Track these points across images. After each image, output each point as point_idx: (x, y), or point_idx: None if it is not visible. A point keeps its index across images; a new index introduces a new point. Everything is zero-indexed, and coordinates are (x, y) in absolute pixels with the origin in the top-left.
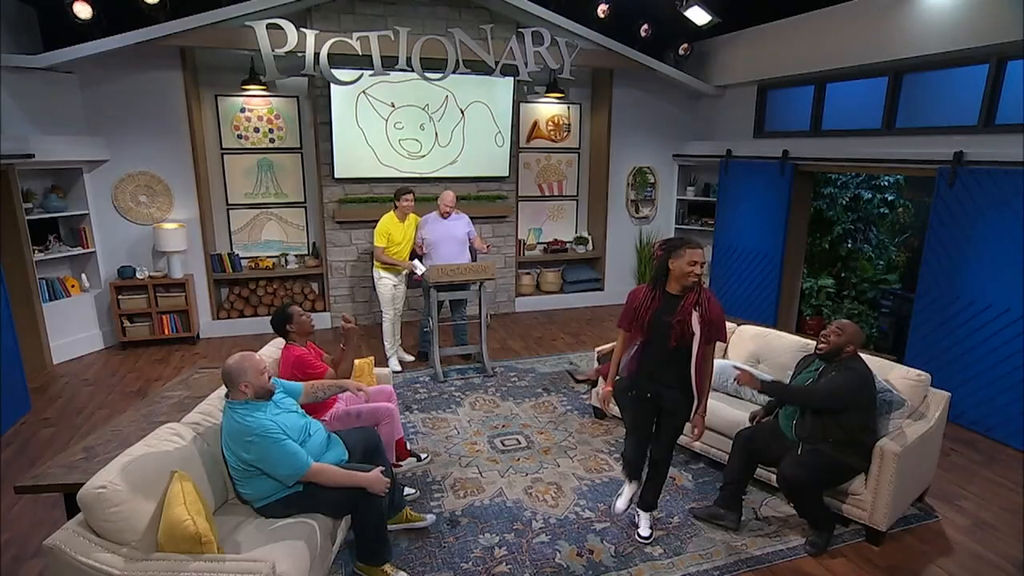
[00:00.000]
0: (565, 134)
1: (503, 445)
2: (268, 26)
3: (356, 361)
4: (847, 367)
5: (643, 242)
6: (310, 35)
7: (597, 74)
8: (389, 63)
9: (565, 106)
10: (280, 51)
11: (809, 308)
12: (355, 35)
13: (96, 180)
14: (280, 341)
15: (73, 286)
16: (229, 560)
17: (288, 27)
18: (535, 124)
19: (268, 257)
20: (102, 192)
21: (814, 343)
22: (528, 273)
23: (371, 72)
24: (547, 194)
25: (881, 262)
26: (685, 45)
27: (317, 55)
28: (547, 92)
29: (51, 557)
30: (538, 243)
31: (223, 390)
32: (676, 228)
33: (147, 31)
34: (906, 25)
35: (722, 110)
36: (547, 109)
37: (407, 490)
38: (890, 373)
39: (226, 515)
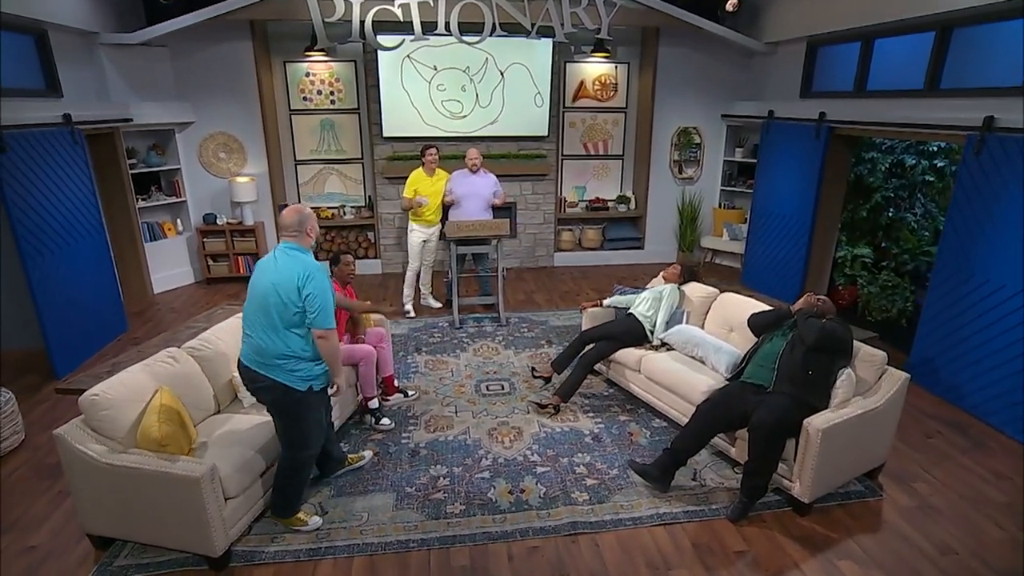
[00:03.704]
0: (612, 93)
1: (487, 390)
2: None
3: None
4: (831, 319)
5: (685, 202)
6: (355, 4)
7: (646, 32)
8: (429, 28)
9: (613, 65)
10: (330, 19)
11: (843, 277)
12: (397, 2)
13: (185, 139)
14: None
15: (169, 229)
16: (182, 460)
17: None
18: (581, 84)
19: (329, 208)
20: (190, 149)
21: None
22: (569, 230)
23: (412, 37)
24: (592, 153)
25: (926, 232)
26: (733, 0)
27: (363, 22)
28: (593, 52)
29: (59, 442)
30: (580, 201)
31: (228, 323)
32: (721, 190)
33: (217, 7)
34: None
35: (773, 69)
36: (594, 69)
37: (384, 421)
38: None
39: (211, 425)
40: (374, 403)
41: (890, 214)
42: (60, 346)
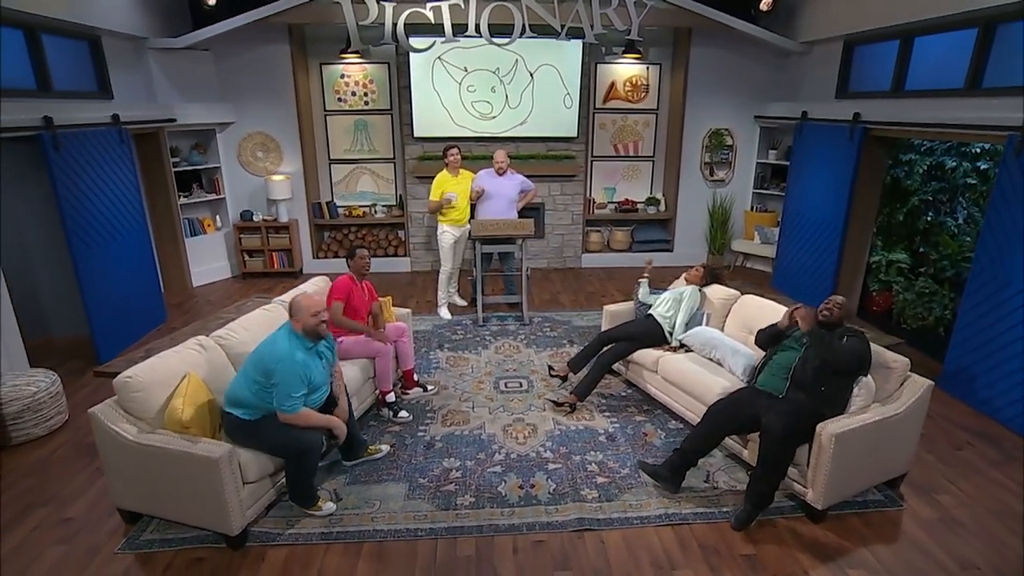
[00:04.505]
0: (643, 95)
1: (505, 387)
2: (353, 1)
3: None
4: (852, 332)
5: (716, 205)
6: (388, 7)
7: (678, 33)
8: (460, 30)
9: (644, 66)
10: (364, 22)
11: (877, 283)
12: (428, 5)
13: (225, 138)
14: (321, 280)
15: (209, 225)
16: (203, 442)
17: (370, 1)
18: (612, 85)
19: (360, 206)
20: (230, 148)
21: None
22: (598, 231)
23: (443, 39)
24: (622, 155)
25: (968, 238)
26: None
27: (395, 25)
28: (624, 53)
29: (93, 420)
30: (609, 203)
31: (255, 314)
32: (754, 192)
33: (257, 11)
34: None
35: (808, 69)
36: (625, 70)
37: (402, 413)
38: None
39: None
40: (391, 396)
41: (929, 218)
42: (104, 334)
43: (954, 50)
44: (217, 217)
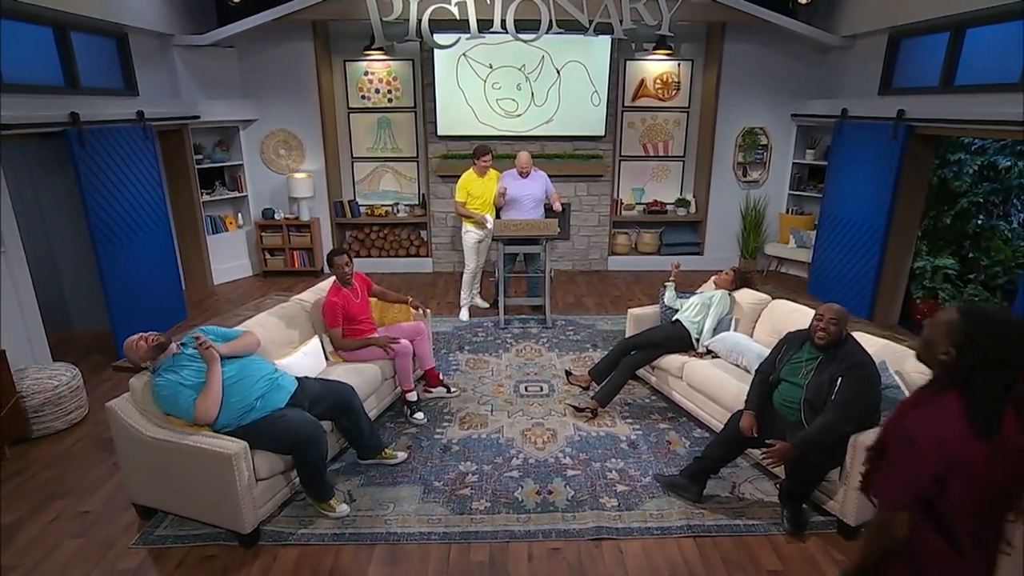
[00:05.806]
0: (674, 92)
1: (525, 391)
2: None
3: (396, 306)
4: (850, 365)
5: (749, 207)
6: (413, 3)
7: (711, 28)
8: (485, 26)
9: (675, 63)
10: (388, 18)
11: (921, 290)
12: (453, 0)
13: (248, 136)
14: (324, 283)
15: (231, 223)
16: (216, 438)
17: None
18: (642, 82)
19: (382, 205)
20: (252, 146)
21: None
22: (625, 233)
23: (468, 35)
24: (651, 154)
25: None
26: None
27: (419, 21)
28: (655, 49)
29: (110, 414)
30: (637, 204)
31: (271, 312)
32: (790, 194)
33: (282, 8)
34: None
35: (849, 64)
36: (655, 67)
37: (418, 415)
38: (906, 363)
39: None
40: (412, 395)
41: (979, 222)
42: (124, 329)
43: (1008, 41)
44: (239, 215)
